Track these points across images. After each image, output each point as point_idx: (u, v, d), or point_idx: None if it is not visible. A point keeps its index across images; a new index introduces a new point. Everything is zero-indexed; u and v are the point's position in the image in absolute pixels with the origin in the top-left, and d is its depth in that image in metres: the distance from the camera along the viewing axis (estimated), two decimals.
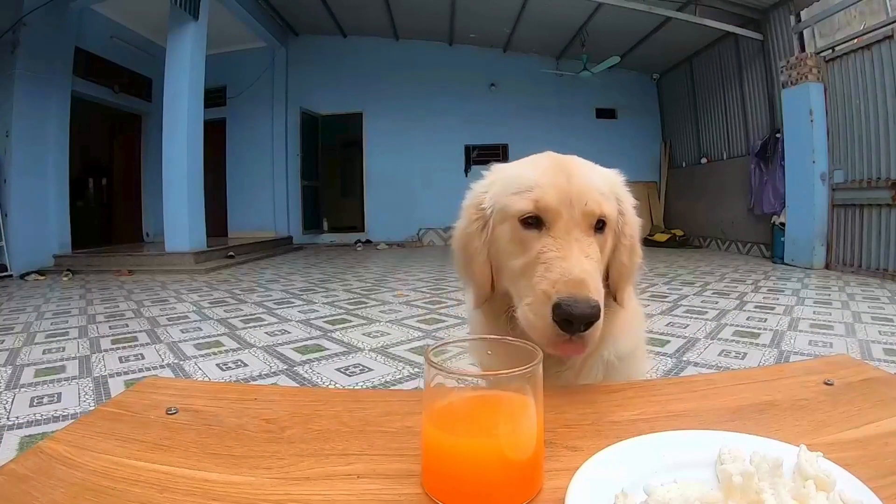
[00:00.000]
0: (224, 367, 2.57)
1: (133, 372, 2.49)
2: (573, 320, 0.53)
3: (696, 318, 3.46)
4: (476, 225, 0.68)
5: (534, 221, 0.62)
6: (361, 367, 2.53)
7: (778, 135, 6.56)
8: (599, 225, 0.63)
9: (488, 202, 0.68)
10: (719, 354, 2.65)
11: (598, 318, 0.54)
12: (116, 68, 8.12)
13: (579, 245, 0.59)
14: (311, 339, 3.09)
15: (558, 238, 0.59)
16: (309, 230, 10.33)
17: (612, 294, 0.67)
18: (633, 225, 0.71)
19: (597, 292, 0.55)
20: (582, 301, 0.53)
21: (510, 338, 0.45)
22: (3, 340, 3.10)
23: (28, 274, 5.95)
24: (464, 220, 0.71)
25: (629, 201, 0.71)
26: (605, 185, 0.66)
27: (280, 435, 0.46)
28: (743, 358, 2.59)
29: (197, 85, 6.75)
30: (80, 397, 2.15)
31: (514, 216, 0.63)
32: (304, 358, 2.69)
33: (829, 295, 4.27)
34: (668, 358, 2.59)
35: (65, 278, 5.86)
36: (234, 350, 2.86)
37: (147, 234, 9.22)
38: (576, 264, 0.56)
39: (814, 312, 3.59)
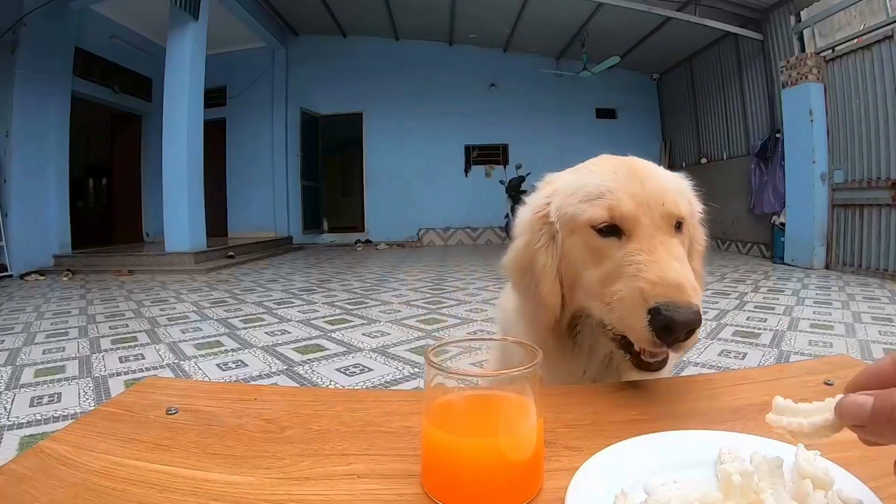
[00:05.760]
0: (224, 367, 2.57)
1: (133, 372, 2.50)
2: (675, 327, 0.48)
3: None
4: (543, 240, 0.62)
5: (609, 230, 0.57)
6: (361, 367, 2.53)
7: (778, 135, 6.56)
8: (678, 226, 0.60)
9: (553, 213, 0.63)
10: (719, 354, 2.65)
11: (700, 323, 0.49)
12: (116, 68, 8.13)
13: (665, 247, 0.55)
14: (310, 339, 3.09)
15: (643, 243, 0.55)
16: (309, 230, 10.33)
17: None
18: (702, 231, 0.67)
19: (696, 295, 0.51)
20: (684, 306, 0.49)
21: (510, 338, 0.45)
22: (3, 340, 3.10)
23: (28, 274, 5.95)
24: (526, 237, 0.65)
25: (698, 206, 0.68)
26: (676, 186, 0.64)
27: (280, 435, 0.46)
28: (743, 358, 2.60)
29: (197, 85, 6.75)
30: (80, 397, 2.15)
31: (585, 224, 0.58)
32: (304, 358, 2.69)
33: (829, 295, 4.27)
34: None
35: (65, 278, 5.86)
36: (233, 350, 2.86)
37: (147, 234, 9.22)
38: (669, 267, 0.52)
39: (814, 312, 3.59)
